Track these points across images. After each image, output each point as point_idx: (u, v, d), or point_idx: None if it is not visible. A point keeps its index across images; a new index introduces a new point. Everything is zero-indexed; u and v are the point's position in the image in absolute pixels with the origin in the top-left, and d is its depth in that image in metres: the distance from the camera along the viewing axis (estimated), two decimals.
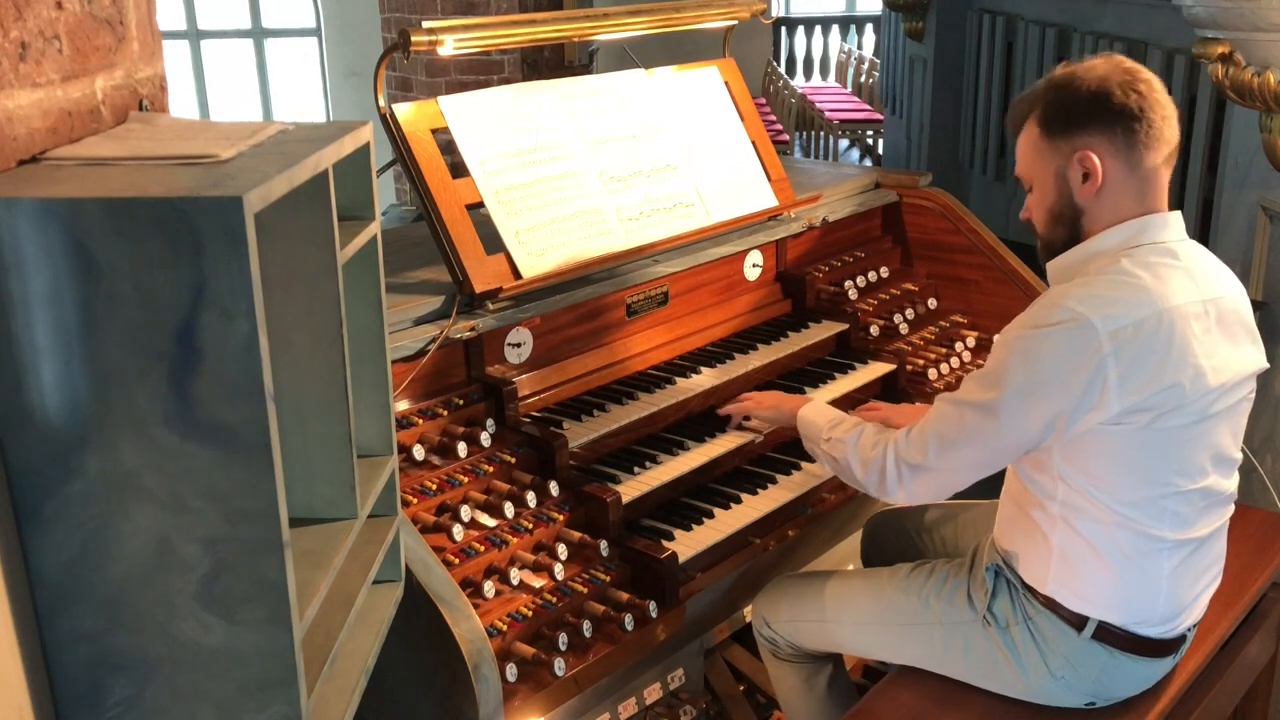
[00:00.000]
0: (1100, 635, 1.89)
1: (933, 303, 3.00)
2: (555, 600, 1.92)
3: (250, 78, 10.38)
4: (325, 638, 1.29)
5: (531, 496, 2.04)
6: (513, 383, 2.22)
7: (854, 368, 2.72)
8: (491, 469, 2.07)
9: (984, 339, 2.92)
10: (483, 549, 1.93)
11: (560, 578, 1.96)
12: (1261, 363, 1.91)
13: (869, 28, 12.64)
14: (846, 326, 2.80)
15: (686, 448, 2.34)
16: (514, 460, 2.11)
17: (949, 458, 1.87)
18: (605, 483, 2.17)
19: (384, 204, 6.13)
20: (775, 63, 11.34)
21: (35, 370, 1.07)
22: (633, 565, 2.05)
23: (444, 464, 2.04)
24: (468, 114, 2.31)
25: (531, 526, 2.01)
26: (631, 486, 2.19)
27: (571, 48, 7.30)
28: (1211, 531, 1.91)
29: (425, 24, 2.14)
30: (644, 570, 2.04)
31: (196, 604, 1.13)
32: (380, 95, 2.17)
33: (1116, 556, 1.84)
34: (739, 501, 2.28)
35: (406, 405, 2.08)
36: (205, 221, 1.02)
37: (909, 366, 2.77)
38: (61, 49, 1.23)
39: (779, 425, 2.32)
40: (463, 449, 2.05)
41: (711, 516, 2.22)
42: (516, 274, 2.25)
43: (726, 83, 2.82)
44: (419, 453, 2.02)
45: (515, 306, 2.24)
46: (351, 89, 9.75)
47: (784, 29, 12.47)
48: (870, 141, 10.35)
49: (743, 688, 2.58)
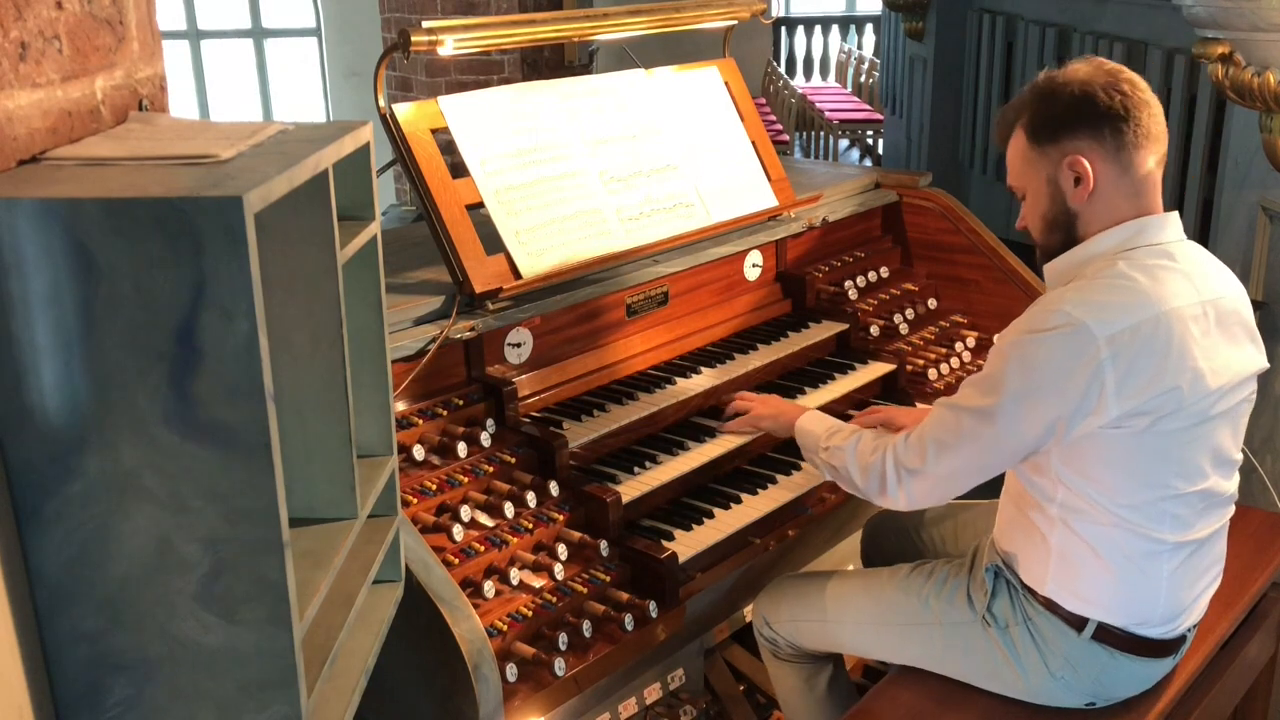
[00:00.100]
0: (1100, 636, 1.89)
1: (933, 303, 3.00)
2: (555, 600, 1.92)
3: (250, 78, 10.38)
4: (325, 638, 1.29)
5: (531, 496, 2.04)
6: (513, 383, 2.22)
7: (854, 368, 2.72)
8: (491, 469, 2.07)
9: (984, 339, 2.92)
10: (483, 549, 1.93)
11: (560, 578, 1.96)
12: (1262, 363, 1.91)
13: (869, 28, 12.64)
14: (846, 326, 2.80)
15: (686, 448, 2.34)
16: (514, 460, 2.11)
17: (947, 463, 1.86)
18: (605, 483, 2.17)
19: (384, 204, 6.13)
20: (775, 63, 11.35)
21: (35, 370, 1.07)
22: (633, 565, 2.05)
23: (444, 464, 2.04)
24: (468, 114, 2.31)
25: (531, 526, 2.01)
26: (631, 486, 2.19)
27: (571, 48, 7.30)
28: (1212, 533, 1.91)
29: (425, 24, 2.14)
30: (644, 570, 2.04)
31: (196, 604, 1.13)
32: (380, 95, 2.17)
33: (1116, 558, 1.84)
34: (739, 501, 2.28)
35: (406, 405, 2.08)
36: (205, 221, 1.02)
37: (909, 366, 2.77)
38: (61, 49, 1.23)
39: (777, 434, 2.32)
40: (463, 449, 2.05)
41: (711, 516, 2.22)
42: (516, 274, 2.25)
43: (726, 83, 2.82)
44: (419, 453, 2.02)
45: (515, 306, 2.24)
46: (351, 89, 9.75)
47: (784, 29, 12.48)
48: (870, 141, 10.35)
49: (743, 688, 2.58)
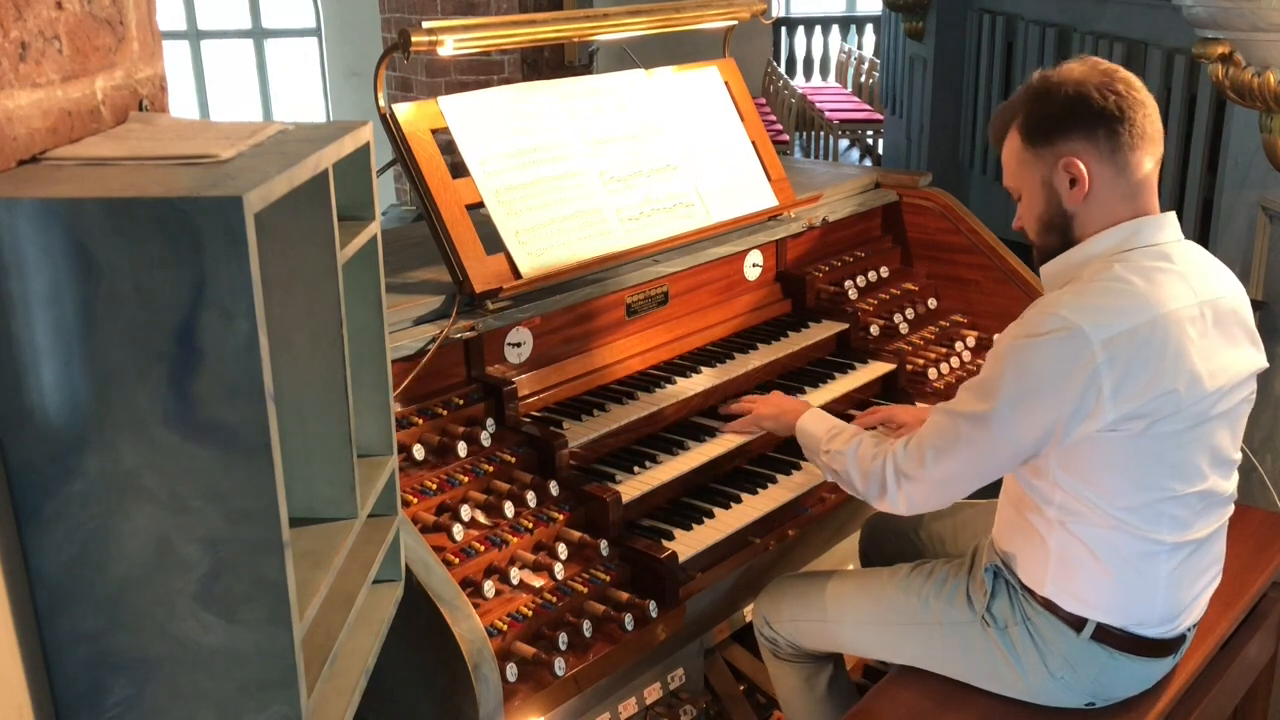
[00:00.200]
0: (1099, 636, 1.89)
1: (933, 303, 3.00)
2: (555, 600, 1.92)
3: (250, 78, 10.38)
4: (325, 638, 1.29)
5: (531, 496, 2.04)
6: (513, 382, 2.22)
7: (854, 368, 2.72)
8: (491, 469, 2.07)
9: (984, 339, 2.92)
10: (483, 549, 1.93)
11: (560, 577, 1.96)
12: (1261, 362, 1.91)
13: (869, 28, 12.64)
14: (846, 326, 2.80)
15: (686, 448, 2.34)
16: (514, 460, 2.11)
17: (945, 468, 1.86)
18: (605, 482, 2.17)
19: (384, 204, 6.13)
20: (775, 63, 11.35)
21: (35, 370, 1.07)
22: (633, 565, 2.05)
23: (444, 464, 2.04)
24: (468, 114, 2.31)
25: (531, 526, 2.01)
26: (631, 486, 2.19)
27: (571, 48, 7.30)
28: (1210, 533, 1.91)
29: (425, 24, 2.14)
30: (644, 570, 2.04)
31: (196, 604, 1.13)
32: (380, 95, 2.17)
33: (1114, 560, 1.84)
34: (739, 501, 2.28)
35: (406, 405, 2.07)
36: (205, 221, 1.02)
37: (909, 366, 2.77)
38: (61, 49, 1.23)
39: (778, 433, 2.31)
40: (463, 449, 2.05)
41: (711, 516, 2.22)
42: (516, 274, 2.25)
43: (726, 83, 2.82)
44: (419, 452, 2.02)
45: (515, 306, 2.24)
46: (351, 89, 9.75)
47: (784, 29, 12.48)
48: (870, 141, 10.35)
49: (743, 688, 2.58)
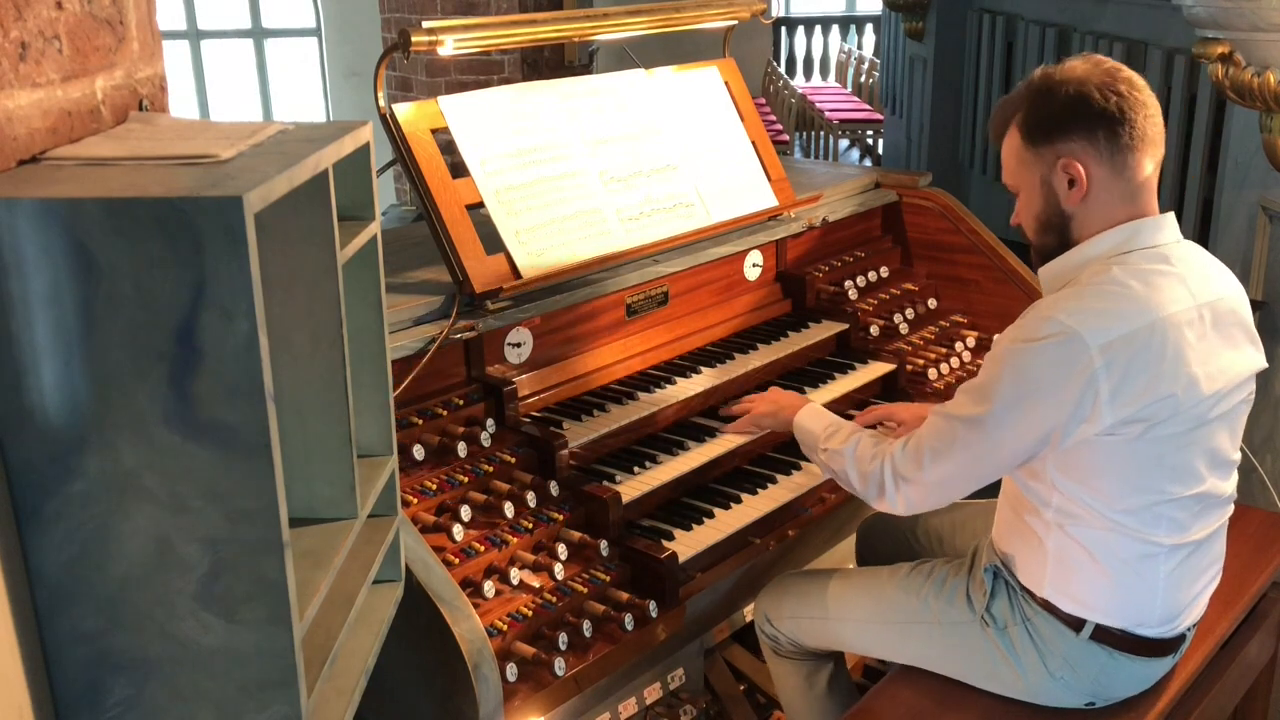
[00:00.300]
0: (1098, 636, 1.89)
1: (933, 303, 3.00)
2: (555, 600, 1.92)
3: (250, 78, 10.38)
4: (325, 638, 1.29)
5: (531, 496, 2.04)
6: (513, 383, 2.22)
7: (854, 368, 2.72)
8: (491, 469, 2.07)
9: (984, 339, 2.92)
10: (483, 549, 1.93)
11: (560, 577, 1.96)
12: (1260, 363, 1.91)
13: (869, 28, 12.64)
14: (846, 326, 2.80)
15: (686, 448, 2.34)
16: (514, 460, 2.11)
17: (942, 470, 1.86)
18: (605, 482, 2.17)
19: (384, 204, 6.12)
20: (775, 63, 11.34)
21: (35, 370, 1.07)
22: (633, 565, 2.05)
23: (444, 464, 2.04)
24: (468, 114, 2.31)
25: (531, 526, 2.01)
26: (631, 486, 2.19)
27: (571, 48, 7.30)
28: (1209, 534, 1.91)
29: (425, 24, 2.14)
30: (644, 570, 2.04)
31: (196, 604, 1.13)
32: (380, 95, 2.17)
33: (1112, 562, 1.84)
34: (739, 501, 2.28)
35: (406, 405, 2.07)
36: (205, 221, 1.02)
37: (909, 366, 2.77)
38: (61, 49, 1.23)
39: (777, 430, 2.31)
40: (462, 449, 2.05)
41: (711, 516, 2.22)
42: (516, 274, 2.25)
43: (726, 83, 2.82)
44: (419, 453, 2.02)
45: (515, 306, 2.24)
46: (351, 89, 9.75)
47: (784, 29, 12.48)
48: (870, 141, 10.35)
49: (743, 688, 2.58)
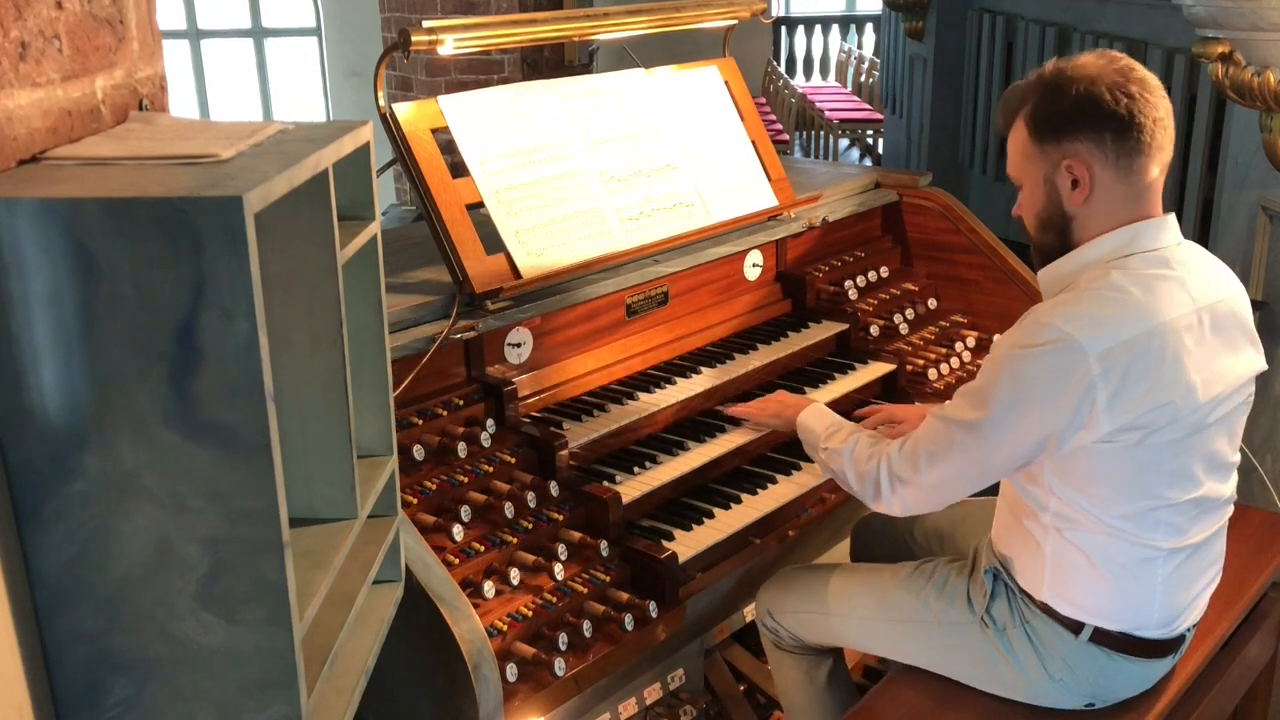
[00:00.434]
0: (1097, 639, 1.89)
1: (933, 303, 3.00)
2: (555, 600, 1.92)
3: (250, 78, 10.38)
4: (325, 638, 1.28)
5: (531, 496, 2.04)
6: (513, 383, 2.22)
7: (854, 368, 2.72)
8: (491, 469, 2.07)
9: (984, 339, 2.92)
10: (483, 549, 1.93)
11: (560, 578, 1.96)
12: (1260, 364, 1.90)
13: (869, 27, 12.64)
14: (846, 326, 2.80)
15: (686, 448, 2.34)
16: (514, 460, 2.11)
17: (938, 473, 1.86)
18: (605, 482, 2.17)
19: (384, 204, 6.12)
20: (775, 62, 11.34)
21: (35, 370, 1.07)
22: (633, 565, 2.05)
23: (444, 464, 2.04)
24: (467, 114, 2.31)
25: (531, 526, 2.01)
26: (631, 486, 2.19)
27: (571, 48, 7.30)
28: (1208, 536, 1.90)
29: (425, 24, 2.14)
30: (644, 570, 2.04)
31: (196, 604, 1.13)
32: (380, 95, 2.17)
33: (1110, 565, 1.84)
34: (739, 501, 2.28)
35: (406, 405, 2.07)
36: (205, 221, 1.02)
37: (909, 366, 2.77)
38: (61, 49, 1.23)
39: (782, 430, 2.31)
40: (462, 449, 2.05)
41: (711, 516, 2.22)
42: (516, 274, 2.25)
43: (726, 82, 2.82)
44: (419, 453, 2.01)
45: (515, 306, 2.24)
46: (351, 89, 9.75)
47: (784, 29, 12.48)
48: (870, 141, 10.35)
49: (743, 688, 2.58)
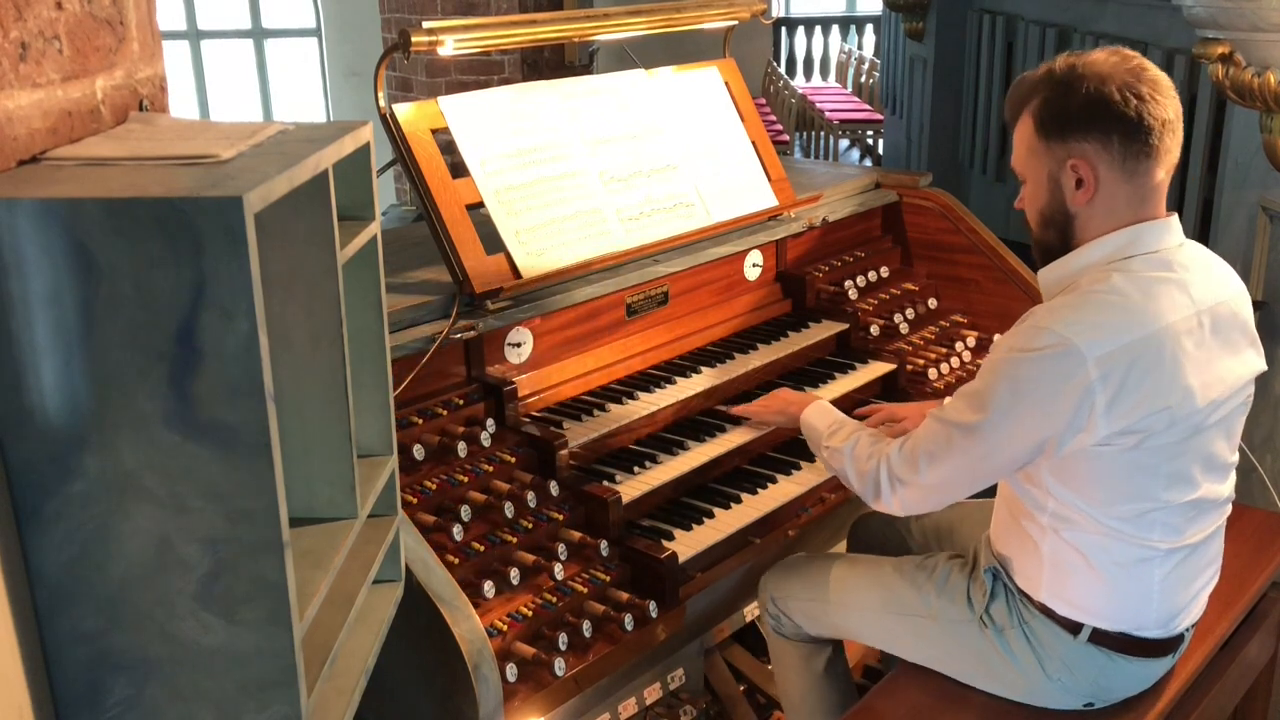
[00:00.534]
0: (1096, 639, 1.89)
1: (933, 303, 3.00)
2: (555, 600, 1.92)
3: (250, 78, 10.38)
4: (325, 638, 1.29)
5: (531, 496, 2.04)
6: (513, 383, 2.22)
7: (854, 368, 2.72)
8: (491, 469, 2.07)
9: (984, 339, 2.92)
10: (483, 549, 1.93)
11: (560, 577, 1.96)
12: (1260, 366, 1.90)
13: (869, 28, 12.64)
14: (846, 326, 2.80)
15: (686, 448, 2.34)
16: (514, 460, 2.11)
17: (937, 475, 1.85)
18: (605, 482, 2.17)
19: (384, 204, 6.12)
20: (775, 63, 11.34)
21: (35, 370, 1.07)
22: (633, 565, 2.05)
23: (444, 464, 2.04)
24: (468, 114, 2.31)
25: (531, 526, 2.01)
26: (631, 486, 2.19)
27: (571, 48, 7.30)
28: (1206, 536, 1.90)
29: (425, 24, 2.14)
30: (644, 570, 2.04)
31: (196, 604, 1.13)
32: (380, 95, 2.17)
33: (1108, 566, 1.83)
34: (739, 501, 2.28)
35: (406, 405, 2.07)
36: (205, 221, 1.02)
37: (909, 366, 2.77)
38: (61, 49, 1.23)
39: (785, 427, 2.31)
40: (462, 449, 2.05)
41: (711, 516, 2.22)
42: (516, 274, 2.25)
43: (726, 83, 2.82)
44: (419, 452, 2.01)
45: (515, 306, 2.24)
46: (351, 89, 9.75)
47: (784, 29, 12.48)
48: (870, 141, 10.35)
49: (743, 688, 2.58)
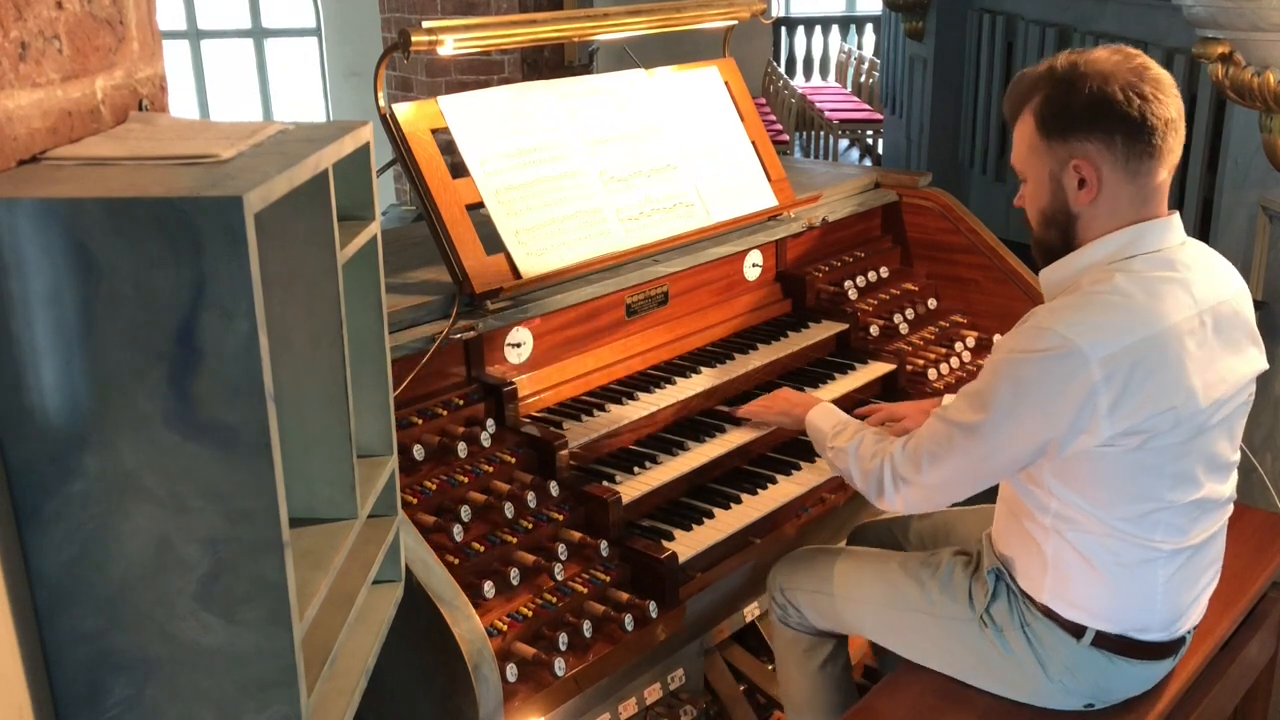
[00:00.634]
0: (1098, 643, 1.89)
1: (933, 303, 2.99)
2: (555, 600, 1.92)
3: (250, 78, 10.38)
4: (325, 638, 1.29)
5: (531, 496, 2.04)
6: (513, 383, 2.22)
7: (854, 368, 2.72)
8: (491, 469, 2.07)
9: (984, 339, 2.92)
10: (483, 549, 1.93)
11: (560, 578, 1.96)
12: (1262, 364, 1.90)
13: (869, 28, 12.64)
14: (846, 326, 2.80)
15: (686, 448, 2.34)
16: (514, 460, 2.11)
17: (938, 474, 1.86)
18: (605, 483, 2.17)
19: (384, 204, 6.12)
20: (775, 63, 11.35)
21: (35, 370, 1.07)
22: (633, 565, 2.05)
23: (444, 464, 2.04)
24: (467, 114, 2.30)
25: (531, 526, 2.01)
26: (631, 486, 2.19)
27: (571, 48, 7.30)
28: (1208, 536, 1.90)
29: (425, 24, 2.14)
30: (644, 570, 2.04)
31: (196, 604, 1.13)
32: (380, 95, 2.17)
33: (1111, 567, 1.83)
34: (739, 501, 2.28)
35: (406, 405, 2.07)
36: (205, 221, 1.02)
37: (909, 366, 2.77)
38: (61, 49, 1.23)
39: (789, 428, 2.31)
40: (462, 449, 2.05)
41: (711, 516, 2.22)
42: (516, 274, 2.25)
43: (726, 83, 2.82)
44: (419, 453, 2.01)
45: (515, 306, 2.24)
46: (351, 89, 9.75)
47: (784, 29, 12.48)
48: (870, 141, 10.35)
49: (743, 688, 2.58)
